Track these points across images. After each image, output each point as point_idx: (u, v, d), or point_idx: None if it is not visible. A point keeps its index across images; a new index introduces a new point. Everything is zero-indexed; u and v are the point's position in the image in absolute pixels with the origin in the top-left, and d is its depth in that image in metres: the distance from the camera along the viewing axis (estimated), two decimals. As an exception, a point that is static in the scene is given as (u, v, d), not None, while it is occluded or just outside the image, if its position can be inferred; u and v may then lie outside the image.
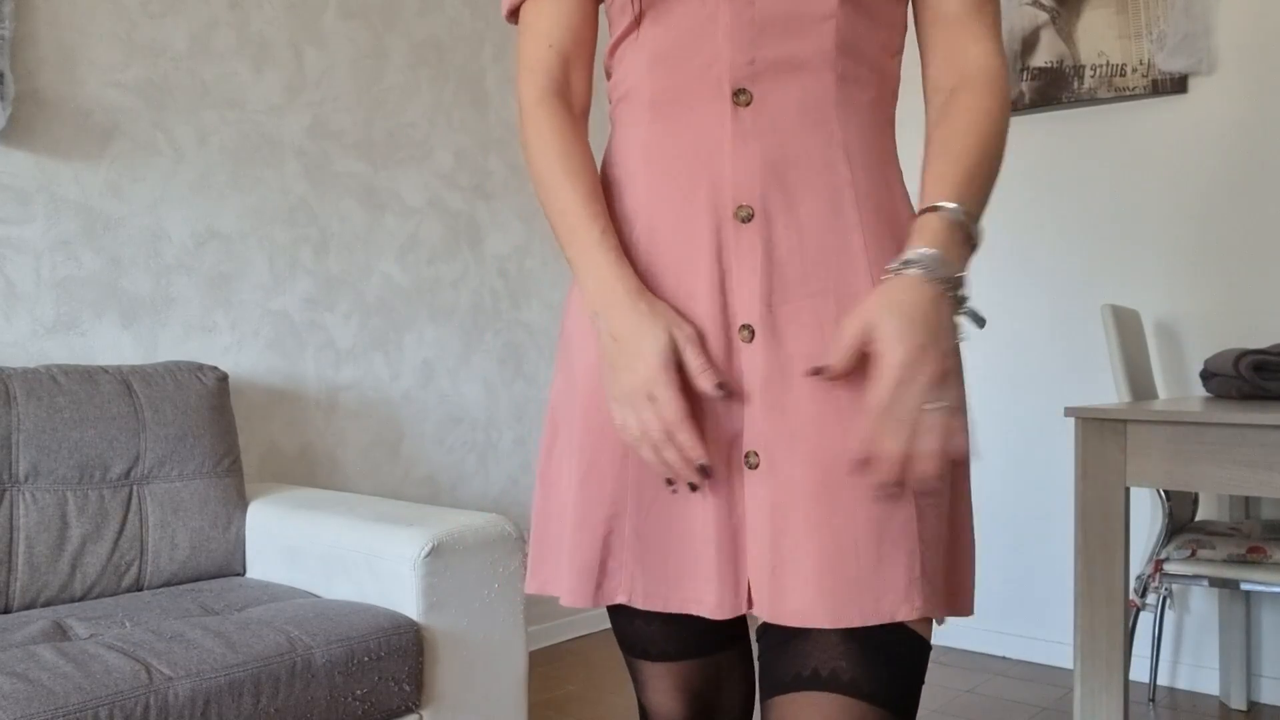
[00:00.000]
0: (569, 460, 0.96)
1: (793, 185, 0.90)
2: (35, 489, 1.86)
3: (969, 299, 0.85)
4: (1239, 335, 2.69)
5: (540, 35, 0.98)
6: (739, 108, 0.90)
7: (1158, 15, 2.75)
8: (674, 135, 0.93)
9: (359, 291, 2.74)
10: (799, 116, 0.90)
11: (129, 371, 2.04)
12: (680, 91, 0.93)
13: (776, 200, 0.89)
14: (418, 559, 1.79)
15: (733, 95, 0.90)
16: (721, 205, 0.90)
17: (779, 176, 0.90)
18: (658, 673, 1.02)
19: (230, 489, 2.10)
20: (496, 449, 3.09)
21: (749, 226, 0.89)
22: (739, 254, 0.90)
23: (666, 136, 0.93)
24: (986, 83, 0.92)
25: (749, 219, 0.89)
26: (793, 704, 0.85)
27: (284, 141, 2.57)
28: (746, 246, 0.89)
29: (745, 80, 0.90)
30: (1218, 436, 1.65)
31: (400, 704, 1.74)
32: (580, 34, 0.99)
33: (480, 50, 3.07)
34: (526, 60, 0.99)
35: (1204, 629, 2.76)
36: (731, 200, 0.90)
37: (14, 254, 2.11)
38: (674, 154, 0.93)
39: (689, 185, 0.92)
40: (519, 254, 3.17)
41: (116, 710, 1.40)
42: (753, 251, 0.89)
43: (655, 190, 0.93)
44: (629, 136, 0.97)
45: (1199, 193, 2.74)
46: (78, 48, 2.20)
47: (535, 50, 0.98)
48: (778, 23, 0.90)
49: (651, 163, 0.94)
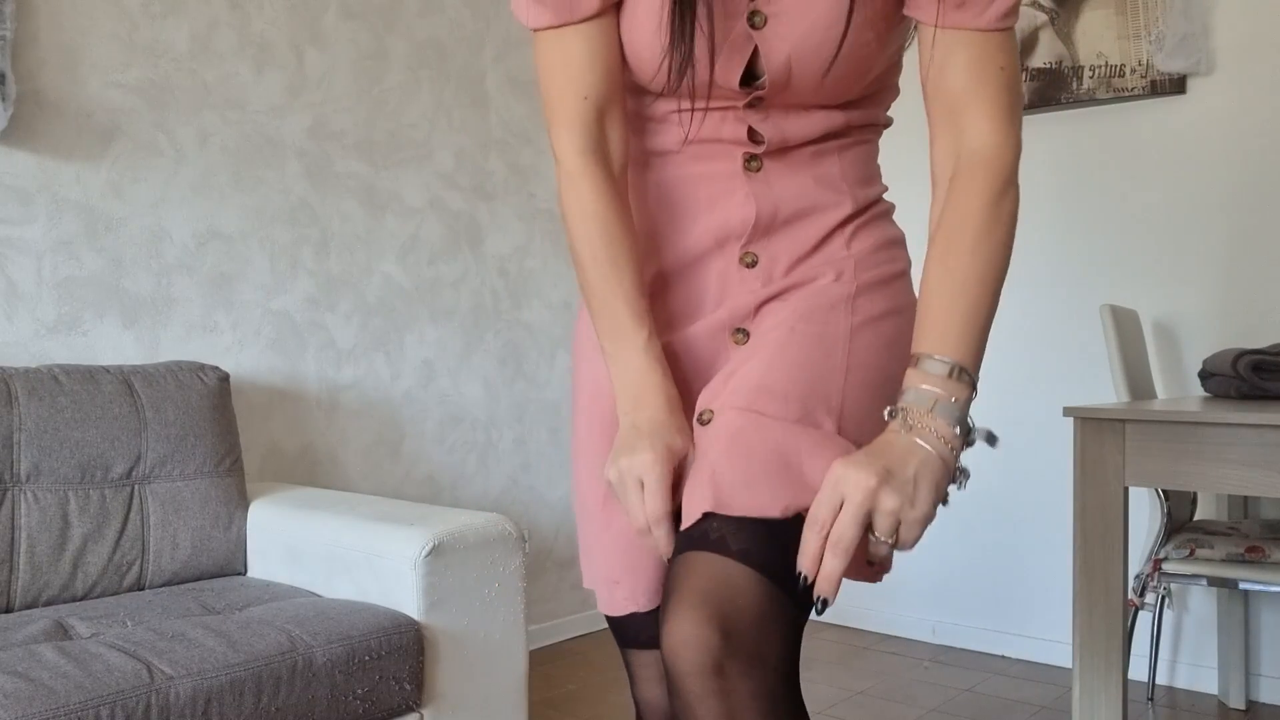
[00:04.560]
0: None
1: (795, 228, 0.97)
2: (37, 488, 1.86)
3: (964, 447, 0.87)
4: (1238, 335, 2.70)
5: (573, 83, 0.93)
6: (750, 172, 0.96)
7: (1156, 16, 2.76)
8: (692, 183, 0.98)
9: (360, 292, 2.74)
10: (803, 175, 0.97)
11: (130, 371, 2.05)
12: (696, 147, 0.97)
13: (778, 247, 0.97)
14: (418, 558, 1.80)
15: (745, 162, 0.96)
16: (729, 251, 0.97)
17: (783, 224, 0.97)
18: (648, 661, 1.04)
19: (231, 488, 2.10)
20: (497, 449, 3.09)
21: (752, 271, 0.97)
22: (741, 287, 0.98)
23: (682, 182, 0.99)
24: (983, 171, 0.88)
25: (753, 264, 0.97)
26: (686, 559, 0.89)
27: (285, 142, 2.58)
28: (749, 285, 0.97)
29: (754, 149, 0.96)
30: (1216, 436, 1.66)
31: (401, 703, 1.75)
32: (615, 79, 0.95)
33: (481, 51, 3.07)
34: (561, 114, 0.94)
35: (1203, 628, 2.76)
36: (740, 249, 0.97)
37: (16, 254, 2.11)
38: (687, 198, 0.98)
39: (703, 231, 0.98)
40: (519, 254, 3.17)
41: (118, 709, 1.40)
42: (753, 287, 0.97)
43: (661, 234, 0.99)
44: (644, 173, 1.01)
45: (1198, 193, 2.75)
46: (79, 48, 2.20)
47: (570, 102, 0.93)
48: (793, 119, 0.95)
49: (664, 200, 0.99)
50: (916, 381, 0.86)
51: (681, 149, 0.98)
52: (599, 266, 0.94)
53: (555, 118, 0.94)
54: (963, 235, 0.87)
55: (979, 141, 0.88)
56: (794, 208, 0.97)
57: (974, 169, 0.88)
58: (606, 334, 0.94)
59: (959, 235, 0.87)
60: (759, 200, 0.96)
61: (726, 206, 0.97)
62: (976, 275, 0.87)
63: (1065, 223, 2.95)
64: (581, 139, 0.94)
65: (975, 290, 0.87)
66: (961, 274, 0.87)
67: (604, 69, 0.93)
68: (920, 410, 0.84)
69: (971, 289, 0.87)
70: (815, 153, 0.98)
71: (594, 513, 1.02)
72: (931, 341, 0.86)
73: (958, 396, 0.85)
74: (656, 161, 1.00)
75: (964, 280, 0.87)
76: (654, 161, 1.00)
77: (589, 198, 0.94)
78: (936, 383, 0.85)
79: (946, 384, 0.84)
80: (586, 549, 1.05)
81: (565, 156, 0.94)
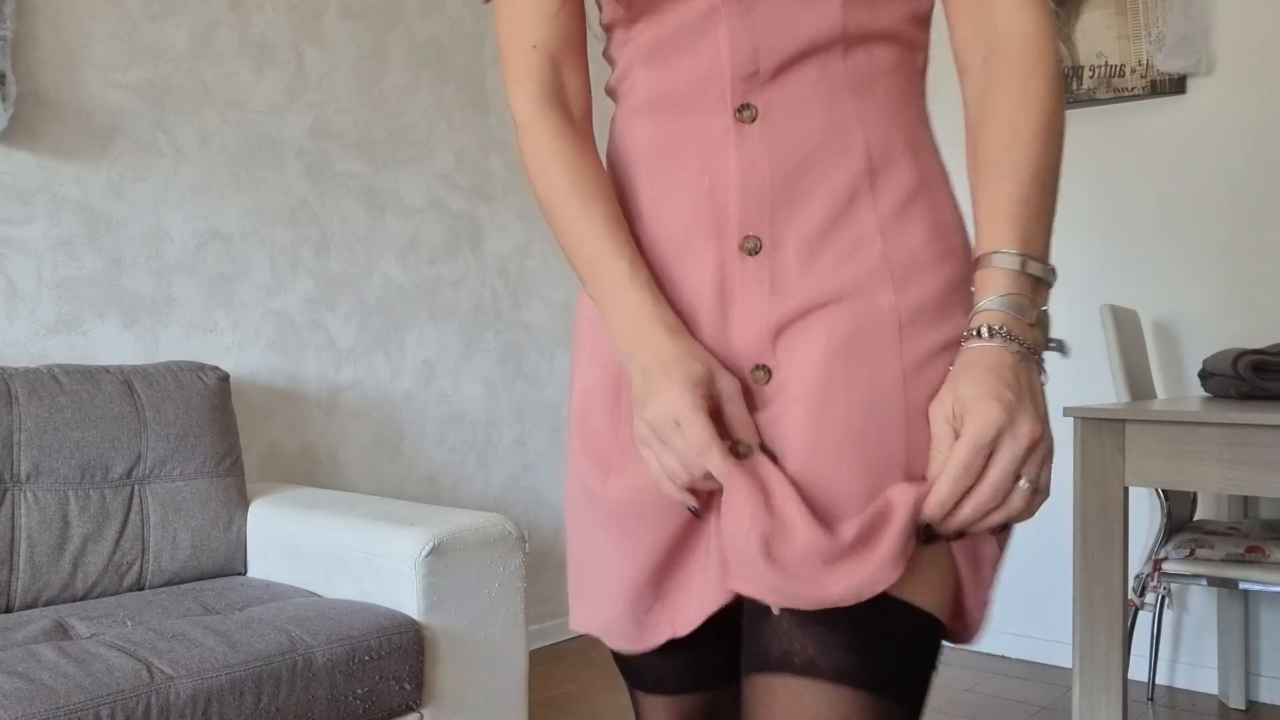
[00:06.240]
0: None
1: (804, 192, 0.79)
2: (37, 488, 1.86)
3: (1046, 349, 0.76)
4: (1238, 335, 2.70)
5: (521, 35, 0.87)
6: (743, 124, 0.80)
7: (1156, 16, 2.76)
8: (675, 150, 0.83)
9: (360, 292, 2.74)
10: (809, 117, 0.79)
11: (130, 371, 2.05)
12: (681, 97, 0.82)
13: (784, 218, 0.79)
14: (418, 558, 1.80)
15: (736, 112, 0.80)
16: (726, 236, 0.80)
17: (789, 189, 0.79)
18: (655, 705, 0.94)
19: (231, 488, 2.10)
20: (497, 449, 3.09)
21: (755, 260, 0.79)
22: (744, 289, 0.80)
23: (667, 151, 0.83)
24: (1026, 52, 0.77)
25: (756, 250, 0.79)
26: (764, 688, 0.76)
27: (285, 142, 2.58)
28: (753, 281, 0.80)
29: (748, 94, 0.80)
30: (1216, 436, 1.66)
31: (401, 703, 1.75)
32: (567, 27, 0.88)
33: (481, 51, 3.07)
34: (511, 68, 0.87)
35: (1202, 628, 2.76)
36: (738, 230, 0.80)
37: (16, 254, 2.11)
38: (675, 171, 0.83)
39: (691, 211, 0.82)
40: (519, 254, 3.17)
41: (118, 709, 1.40)
42: (760, 286, 0.79)
43: (654, 212, 0.84)
44: (629, 138, 0.87)
45: (1197, 193, 2.75)
46: (79, 48, 2.20)
47: (518, 55, 0.87)
48: (780, 16, 0.79)
49: (652, 178, 0.84)
50: (991, 285, 0.74)
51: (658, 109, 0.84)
52: (567, 207, 0.83)
53: (508, 74, 0.87)
54: (1018, 116, 0.76)
55: (1017, 17, 0.78)
56: (795, 165, 0.80)
57: (1017, 47, 0.77)
58: (589, 277, 0.83)
59: (1012, 116, 0.76)
60: (755, 159, 0.80)
61: (716, 173, 0.81)
62: (1039, 160, 0.76)
63: (1065, 222, 2.95)
64: (534, 87, 0.86)
65: (1043, 177, 0.76)
66: (1021, 157, 0.75)
67: (551, 15, 0.87)
68: (1004, 315, 0.73)
69: (1038, 174, 0.76)
70: (825, 92, 0.80)
71: (604, 524, 0.86)
72: (998, 235, 0.75)
73: (1039, 294, 0.74)
74: (632, 137, 0.87)
75: (1025, 165, 0.75)
76: (630, 139, 0.87)
77: (545, 141, 0.85)
78: (1014, 282, 0.73)
79: (1025, 281, 0.74)
80: (590, 576, 0.88)
81: (518, 108, 0.87)
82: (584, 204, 0.83)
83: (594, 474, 0.86)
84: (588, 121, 0.89)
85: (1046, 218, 0.76)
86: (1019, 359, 0.72)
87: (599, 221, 0.82)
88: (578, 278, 0.85)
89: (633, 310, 0.80)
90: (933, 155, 0.83)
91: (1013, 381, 0.70)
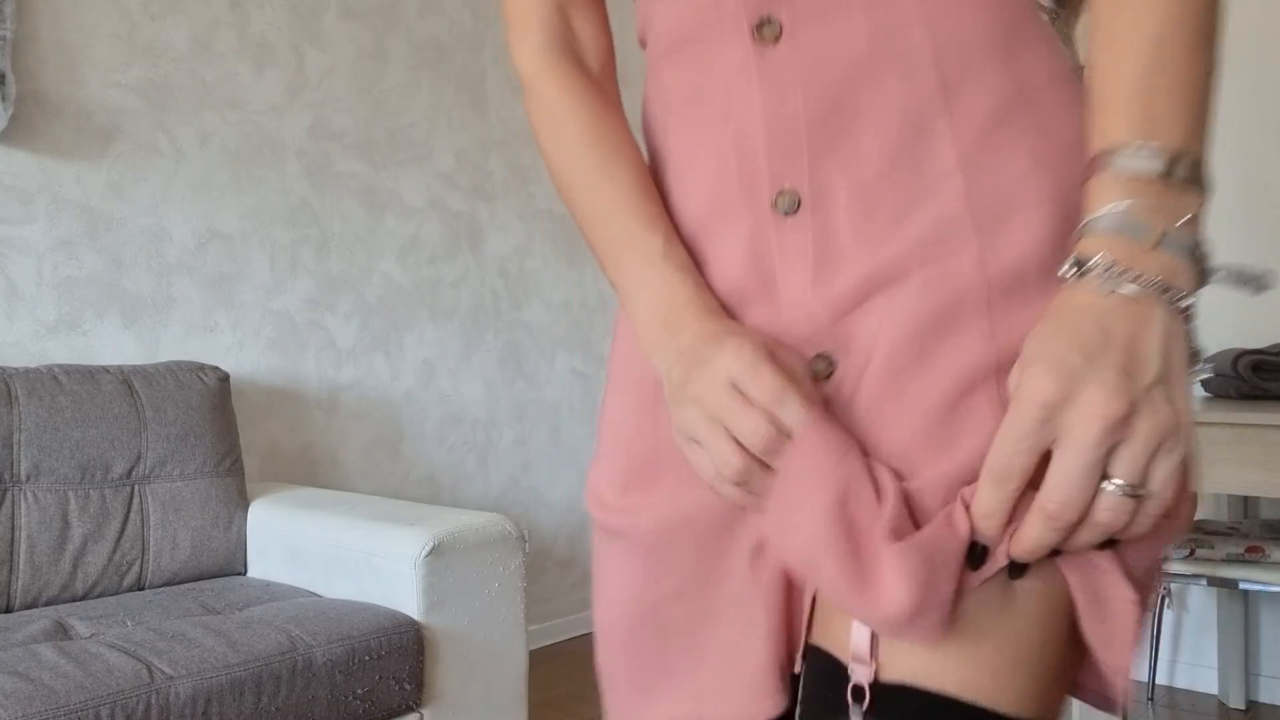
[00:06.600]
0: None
1: (851, 125, 0.60)
2: (37, 488, 1.86)
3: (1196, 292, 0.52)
4: (1238, 335, 2.70)
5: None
6: (765, 46, 0.62)
7: (1157, 16, 2.76)
8: (697, 97, 0.66)
9: (360, 292, 2.74)
10: (850, 21, 0.60)
11: (130, 371, 2.05)
12: (696, 28, 0.65)
13: (830, 167, 0.60)
14: (418, 558, 1.80)
15: (754, 31, 0.62)
16: (756, 192, 0.62)
17: (832, 128, 0.60)
18: None
19: (231, 488, 2.10)
20: (497, 449, 3.09)
21: (794, 220, 0.61)
22: (784, 259, 0.61)
23: (689, 100, 0.66)
24: None
25: (794, 208, 0.60)
26: None
27: (285, 142, 2.58)
28: (794, 249, 0.61)
29: (766, 3, 0.62)
30: (1217, 436, 1.66)
31: (401, 703, 1.75)
32: None
33: (481, 51, 3.07)
34: (512, 18, 0.74)
35: (1203, 628, 2.76)
36: (769, 184, 0.61)
37: (16, 254, 2.11)
38: (698, 124, 0.66)
39: (718, 170, 0.64)
40: (519, 254, 3.17)
41: (118, 709, 1.40)
42: (801, 254, 0.61)
43: (680, 180, 0.67)
44: (653, 93, 0.70)
45: (1198, 193, 2.75)
46: (79, 48, 2.20)
47: (522, 4, 0.73)
48: None
49: (678, 137, 0.67)
50: (1093, 199, 0.53)
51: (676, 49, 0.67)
52: (585, 175, 0.68)
53: (509, 25, 0.74)
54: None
55: None
56: (837, 91, 0.60)
57: None
58: (611, 258, 0.66)
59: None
60: (784, 89, 0.61)
61: (740, 115, 0.63)
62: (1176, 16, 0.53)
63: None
64: (538, 37, 0.72)
65: (1184, 40, 0.53)
66: (1161, 22, 0.53)
67: None
68: (1105, 239, 0.51)
69: (1174, 36, 0.53)
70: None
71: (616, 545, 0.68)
72: (1108, 127, 0.53)
73: (1185, 209, 0.51)
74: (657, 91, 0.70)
75: (1153, 23, 0.53)
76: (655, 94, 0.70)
77: (552, 96, 0.70)
78: (1126, 188, 0.52)
79: (1162, 190, 0.51)
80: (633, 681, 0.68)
81: (521, 62, 0.73)
82: (603, 166, 0.68)
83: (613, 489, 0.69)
84: (609, 76, 0.74)
85: (1189, 95, 0.53)
86: (1123, 303, 0.50)
87: (624, 186, 0.67)
88: (598, 261, 0.68)
89: (668, 292, 0.63)
90: (1042, 50, 0.61)
91: (1091, 337, 0.50)
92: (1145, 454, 0.49)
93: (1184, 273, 0.51)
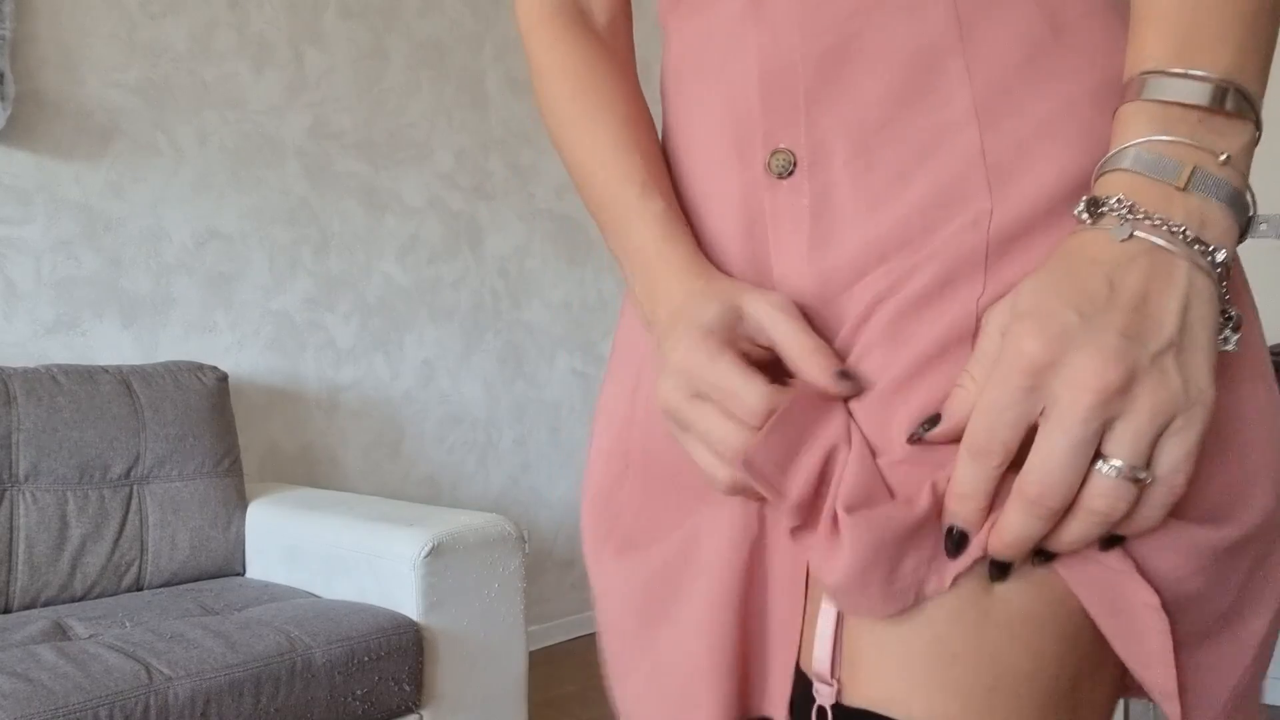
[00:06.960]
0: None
1: (852, 72, 0.53)
2: (35, 489, 1.86)
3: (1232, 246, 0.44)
4: (1239, 335, 2.69)
5: None
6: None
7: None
8: (698, 52, 0.60)
9: (359, 292, 2.74)
10: None
11: (129, 371, 2.04)
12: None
13: (827, 117, 0.53)
14: (418, 559, 1.80)
15: None
16: (750, 153, 0.56)
17: (831, 75, 0.53)
18: None
19: (230, 489, 2.10)
20: (497, 449, 3.09)
21: (789, 183, 0.54)
22: (777, 230, 0.55)
23: (690, 56, 0.61)
24: None
25: (789, 170, 0.54)
26: None
27: (284, 142, 2.58)
28: (787, 218, 0.54)
29: None
30: (1217, 436, 1.65)
31: (400, 704, 1.74)
32: None
33: (481, 51, 3.07)
34: None
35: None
36: (763, 144, 0.55)
37: (14, 254, 2.11)
38: (698, 80, 0.60)
39: (715, 128, 0.58)
40: (519, 254, 3.17)
41: (116, 710, 1.40)
42: (796, 221, 0.54)
43: (682, 141, 0.62)
44: (664, 57, 0.66)
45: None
46: (78, 48, 2.20)
47: None
48: None
49: (682, 95, 0.62)
50: (1136, 127, 0.45)
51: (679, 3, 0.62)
52: (568, 128, 0.63)
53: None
54: None
55: None
56: (837, 34, 0.53)
57: None
58: (600, 215, 0.62)
59: None
60: (779, 35, 0.55)
61: (735, 67, 0.57)
62: None
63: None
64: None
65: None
66: None
67: None
68: (1126, 178, 0.44)
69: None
70: None
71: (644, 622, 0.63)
72: (1166, 45, 0.45)
73: (1226, 147, 0.44)
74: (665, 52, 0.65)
75: None
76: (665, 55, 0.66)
77: (543, 48, 0.65)
78: (1154, 121, 0.44)
79: (1200, 123, 0.44)
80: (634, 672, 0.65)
81: (520, 16, 0.67)
82: (588, 114, 0.62)
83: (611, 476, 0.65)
84: (617, 32, 0.68)
85: (1244, 14, 0.44)
86: (1140, 253, 0.42)
87: (606, 134, 0.61)
88: (601, 229, 0.62)
89: (641, 252, 0.58)
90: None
91: (1095, 291, 0.42)
92: (1149, 431, 0.41)
93: (1218, 222, 0.43)
